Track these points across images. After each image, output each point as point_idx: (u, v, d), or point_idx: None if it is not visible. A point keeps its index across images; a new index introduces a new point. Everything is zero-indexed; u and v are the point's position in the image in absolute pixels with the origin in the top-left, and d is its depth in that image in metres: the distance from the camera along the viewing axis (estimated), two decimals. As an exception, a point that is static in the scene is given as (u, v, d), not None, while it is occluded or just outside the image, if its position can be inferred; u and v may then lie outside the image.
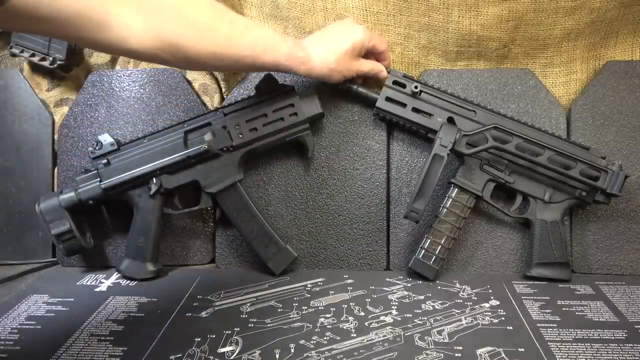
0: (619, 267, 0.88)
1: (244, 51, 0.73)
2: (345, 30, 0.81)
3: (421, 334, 0.68)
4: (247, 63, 0.74)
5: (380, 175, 0.92)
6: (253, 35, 0.73)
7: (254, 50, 0.73)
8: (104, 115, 0.95)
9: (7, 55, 1.01)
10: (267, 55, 0.74)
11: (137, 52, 0.68)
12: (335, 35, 0.81)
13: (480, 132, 0.83)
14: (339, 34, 0.81)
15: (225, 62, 0.73)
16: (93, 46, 0.75)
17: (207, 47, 0.70)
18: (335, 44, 0.79)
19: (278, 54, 0.75)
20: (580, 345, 0.65)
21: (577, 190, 0.84)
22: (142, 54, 0.69)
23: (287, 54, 0.75)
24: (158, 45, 0.68)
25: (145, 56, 0.70)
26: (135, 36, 0.66)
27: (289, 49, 0.75)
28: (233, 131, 0.86)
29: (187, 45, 0.69)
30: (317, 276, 0.87)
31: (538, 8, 0.86)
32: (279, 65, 0.76)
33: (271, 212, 0.92)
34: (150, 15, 0.67)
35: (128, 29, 0.65)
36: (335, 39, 0.80)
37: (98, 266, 0.94)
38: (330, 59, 0.78)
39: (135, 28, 0.66)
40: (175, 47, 0.69)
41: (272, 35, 0.76)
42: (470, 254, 0.90)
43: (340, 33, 0.81)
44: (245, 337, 0.68)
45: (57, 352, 0.65)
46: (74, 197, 0.86)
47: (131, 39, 0.66)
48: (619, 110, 0.90)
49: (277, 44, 0.75)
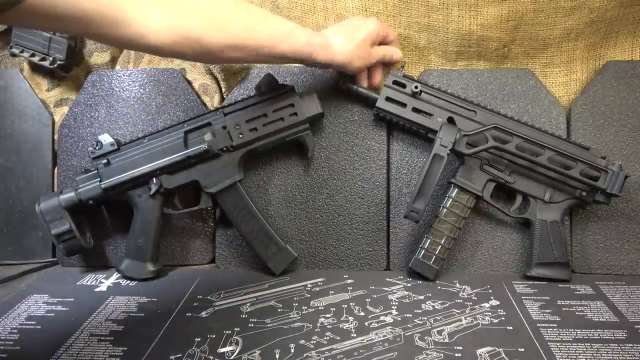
0: (619, 267, 0.88)
1: (262, 41, 0.73)
2: (359, 22, 0.83)
3: (421, 334, 0.68)
4: (266, 53, 0.74)
5: (380, 175, 0.92)
6: (270, 25, 0.74)
7: (272, 40, 0.73)
8: (104, 115, 0.95)
9: (7, 55, 1.01)
10: (285, 43, 0.74)
11: (156, 48, 0.68)
12: (351, 26, 0.82)
13: (480, 132, 0.83)
14: (355, 25, 0.82)
15: (245, 53, 0.73)
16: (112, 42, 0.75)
17: (226, 40, 0.71)
18: (353, 33, 0.81)
19: (297, 41, 0.75)
20: (580, 345, 0.65)
21: (577, 190, 0.84)
22: (160, 50, 0.69)
23: (306, 41, 0.76)
24: (177, 40, 0.68)
25: (163, 51, 0.70)
26: (154, 32, 0.66)
27: (306, 37, 0.76)
28: (233, 131, 0.86)
29: (206, 38, 0.69)
30: (317, 276, 0.87)
31: (538, 8, 0.86)
32: (299, 52, 0.76)
33: (271, 212, 0.92)
34: (168, 11, 0.67)
35: (146, 25, 0.65)
36: (352, 29, 0.82)
37: (98, 266, 0.94)
38: (350, 46, 0.80)
39: (153, 24, 0.66)
40: (194, 40, 0.69)
41: (289, 24, 0.77)
42: (470, 254, 0.90)
43: (356, 24, 0.83)
44: (245, 337, 0.68)
45: (57, 352, 0.65)
46: (74, 197, 0.86)
47: (150, 35, 0.66)
48: (619, 110, 0.90)
49: (294, 32, 0.76)
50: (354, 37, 0.80)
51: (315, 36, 0.77)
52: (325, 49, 0.78)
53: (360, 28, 0.82)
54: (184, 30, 0.68)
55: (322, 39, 0.78)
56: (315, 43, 0.77)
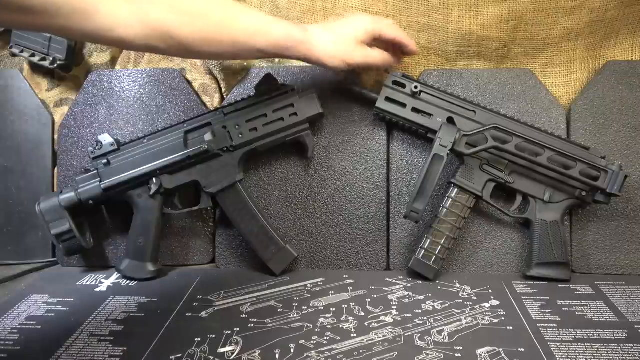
0: (619, 267, 0.88)
1: (238, 35, 0.72)
2: (351, 19, 0.80)
3: (421, 334, 0.68)
4: (241, 47, 0.73)
5: (380, 175, 0.92)
6: (246, 19, 0.72)
7: (247, 34, 0.72)
8: (104, 115, 0.95)
9: (7, 55, 1.02)
10: (261, 37, 0.73)
11: (127, 41, 0.67)
12: (340, 22, 0.79)
13: (480, 132, 0.83)
14: (344, 21, 0.79)
15: (220, 48, 0.72)
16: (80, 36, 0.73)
17: (199, 33, 0.69)
18: (339, 29, 0.77)
19: (273, 35, 0.73)
20: (580, 345, 0.65)
21: (577, 190, 0.84)
22: (131, 43, 0.68)
23: (283, 35, 0.73)
24: (147, 33, 0.67)
25: (135, 45, 0.68)
26: (123, 25, 0.65)
27: (285, 30, 0.74)
28: (233, 131, 0.86)
29: (178, 32, 0.68)
30: (317, 276, 0.87)
31: (538, 8, 0.86)
32: (276, 47, 0.74)
33: (271, 212, 0.92)
34: (137, 3, 0.65)
35: (116, 17, 0.64)
36: (339, 25, 0.78)
37: (98, 266, 0.94)
38: (330, 43, 0.76)
39: (122, 16, 0.64)
40: (165, 34, 0.67)
41: (267, 18, 0.75)
42: (470, 254, 0.90)
43: (346, 20, 0.79)
44: (245, 337, 0.68)
45: (57, 352, 0.65)
46: (74, 197, 0.86)
47: (119, 28, 0.65)
48: (619, 110, 0.90)
49: (271, 26, 0.73)
50: (338, 32, 0.77)
51: (295, 30, 0.75)
52: (304, 44, 0.75)
53: (350, 22, 0.78)
54: (153, 23, 0.66)
55: (301, 33, 0.75)
56: (293, 38, 0.74)
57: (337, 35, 0.77)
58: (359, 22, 0.78)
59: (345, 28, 0.77)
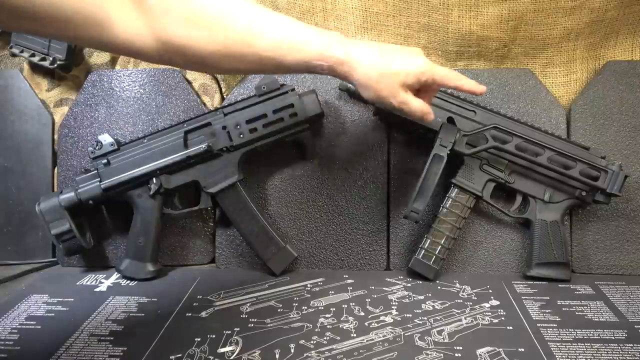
0: (619, 267, 0.88)
1: (266, 51, 0.63)
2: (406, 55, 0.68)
3: (421, 334, 0.68)
4: (268, 64, 0.65)
5: (380, 175, 0.91)
6: (274, 33, 0.64)
7: (275, 50, 0.64)
8: (104, 115, 0.95)
9: (7, 55, 1.02)
10: (291, 54, 0.64)
11: (145, 54, 0.63)
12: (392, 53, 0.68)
13: (480, 132, 0.83)
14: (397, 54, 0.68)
15: (244, 65, 0.65)
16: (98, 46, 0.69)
17: (219, 49, 0.62)
18: (389, 62, 0.66)
19: (305, 52, 0.64)
20: (580, 345, 0.65)
21: (577, 190, 0.84)
22: (149, 56, 0.63)
23: (320, 53, 0.64)
24: (164, 48, 0.62)
25: (153, 58, 0.64)
26: (140, 38, 0.61)
27: (322, 47, 0.64)
28: (233, 131, 0.86)
29: (196, 48, 0.62)
30: (317, 276, 0.87)
31: (538, 8, 0.86)
32: (308, 66, 0.66)
33: (271, 212, 0.92)
34: (152, 16, 0.60)
35: (132, 29, 0.60)
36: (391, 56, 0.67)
37: (98, 266, 0.94)
38: (376, 73, 0.66)
39: (138, 29, 0.60)
40: (182, 49, 0.62)
41: (302, 31, 0.65)
42: (470, 254, 0.90)
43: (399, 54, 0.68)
44: (245, 337, 0.68)
45: (57, 352, 0.65)
46: (74, 197, 0.86)
47: (136, 41, 0.61)
48: (619, 110, 0.90)
49: (306, 41, 0.64)
50: (386, 67, 0.66)
51: (334, 48, 0.65)
52: (342, 66, 0.65)
53: (401, 61, 0.67)
54: (170, 38, 0.61)
55: (341, 51, 0.65)
56: (330, 57, 0.65)
57: (384, 70, 0.66)
58: (414, 63, 0.67)
59: (397, 64, 0.67)
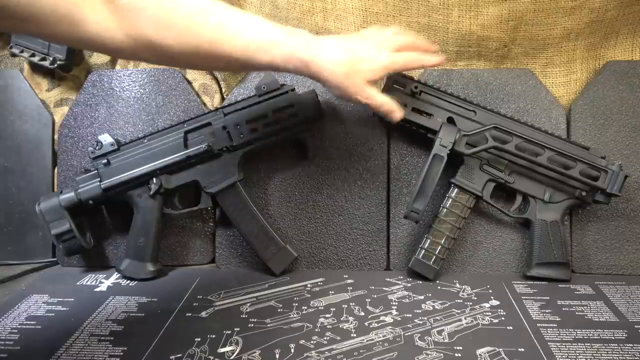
0: (619, 267, 0.88)
1: (234, 53, 0.66)
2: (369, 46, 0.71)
3: (421, 334, 0.68)
4: (240, 64, 0.68)
5: (380, 175, 0.91)
6: (245, 35, 0.66)
7: (245, 51, 0.66)
8: (104, 115, 0.95)
9: (7, 55, 1.02)
10: (261, 55, 0.67)
11: (117, 51, 0.65)
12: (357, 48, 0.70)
13: (480, 132, 0.83)
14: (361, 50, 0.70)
15: (215, 63, 0.69)
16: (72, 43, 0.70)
17: (189, 49, 0.65)
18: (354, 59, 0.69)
19: (274, 54, 0.67)
20: (580, 345, 0.65)
21: (577, 190, 0.84)
22: (122, 53, 0.66)
23: (286, 55, 0.67)
24: (135, 45, 0.64)
25: (125, 55, 0.66)
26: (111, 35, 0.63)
27: (288, 49, 0.67)
28: (233, 131, 0.86)
29: (165, 47, 0.64)
30: (317, 276, 0.87)
31: (538, 8, 0.86)
32: (277, 66, 0.68)
33: (271, 212, 0.92)
34: (123, 15, 0.62)
35: (104, 26, 0.62)
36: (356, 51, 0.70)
37: (98, 266, 0.94)
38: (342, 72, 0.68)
39: (110, 26, 0.62)
40: (152, 48, 0.64)
41: (272, 32, 0.67)
42: (470, 254, 0.90)
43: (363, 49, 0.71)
44: (245, 337, 0.68)
45: (57, 352, 0.65)
46: (74, 197, 0.86)
47: (108, 38, 0.63)
48: (619, 110, 0.90)
49: (273, 43, 0.67)
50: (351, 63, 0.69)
51: (302, 48, 0.67)
52: (309, 66, 0.68)
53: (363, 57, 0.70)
54: (139, 36, 0.63)
55: (309, 54, 0.67)
56: (298, 57, 0.67)
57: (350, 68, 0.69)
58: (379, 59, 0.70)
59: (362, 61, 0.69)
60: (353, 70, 0.69)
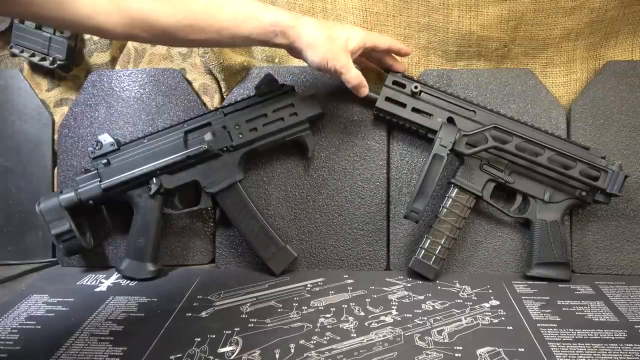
0: (619, 267, 0.88)
1: (224, 22, 0.70)
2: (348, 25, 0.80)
3: (421, 334, 0.68)
4: (228, 35, 0.71)
5: (380, 175, 0.92)
6: (234, 6, 0.71)
7: (235, 21, 0.70)
8: (104, 115, 0.95)
9: (7, 55, 1.02)
10: (250, 23, 0.71)
11: (106, 30, 0.65)
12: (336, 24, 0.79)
13: (480, 132, 0.83)
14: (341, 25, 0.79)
15: (206, 36, 0.70)
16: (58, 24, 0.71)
17: (182, 21, 0.67)
18: (333, 29, 0.76)
19: (262, 22, 0.71)
20: (580, 345, 0.65)
21: (577, 190, 0.84)
22: (111, 32, 0.66)
23: (272, 21, 0.72)
24: (128, 22, 0.65)
25: (116, 34, 0.66)
26: (103, 13, 0.63)
27: (275, 17, 0.72)
28: (233, 131, 0.86)
29: (159, 21, 0.66)
30: (317, 276, 0.87)
31: (538, 8, 0.86)
32: (265, 34, 0.72)
33: (271, 212, 0.92)
34: None
35: (93, 5, 0.62)
36: (335, 26, 0.77)
37: (98, 266, 0.94)
38: (320, 36, 0.73)
39: (101, 4, 0.63)
40: (146, 23, 0.66)
41: (256, 4, 0.73)
42: (470, 254, 0.90)
43: (343, 25, 0.79)
44: (245, 337, 0.68)
45: (57, 352, 0.65)
46: (74, 197, 0.86)
47: (98, 16, 0.63)
48: (619, 110, 0.90)
49: (261, 12, 0.72)
50: (330, 32, 0.75)
51: (285, 16, 0.73)
52: (292, 29, 0.72)
53: (344, 29, 0.77)
54: (133, 11, 0.65)
55: (291, 20, 0.73)
56: (282, 24, 0.72)
57: (329, 34, 0.74)
58: (353, 31, 0.77)
59: (339, 31, 0.76)
60: (331, 37, 0.74)
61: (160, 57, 0.99)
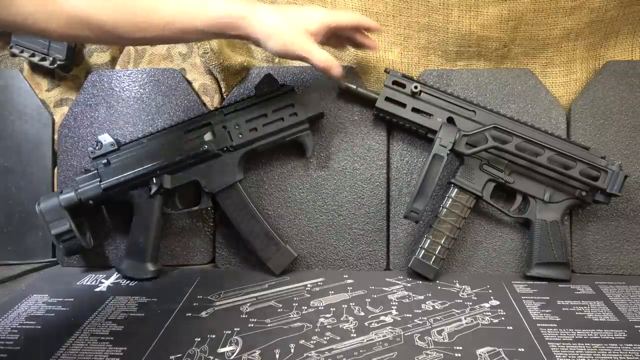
0: (619, 267, 0.88)
1: (171, 18, 0.67)
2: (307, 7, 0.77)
3: (421, 334, 0.68)
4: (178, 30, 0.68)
5: (380, 175, 0.92)
6: None
7: (182, 15, 0.68)
8: (104, 115, 0.95)
9: (7, 55, 1.02)
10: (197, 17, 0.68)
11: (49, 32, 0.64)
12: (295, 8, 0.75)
13: (480, 132, 0.83)
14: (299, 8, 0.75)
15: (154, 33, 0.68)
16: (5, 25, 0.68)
17: (125, 20, 0.65)
18: (291, 14, 0.73)
19: (210, 13, 0.69)
20: (580, 345, 0.65)
21: (577, 190, 0.84)
22: (54, 33, 0.64)
23: (222, 12, 0.69)
24: (69, 23, 0.63)
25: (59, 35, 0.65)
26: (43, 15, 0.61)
27: (224, 7, 0.69)
28: (233, 131, 0.86)
29: (101, 20, 0.64)
30: (317, 276, 0.87)
31: (538, 8, 0.86)
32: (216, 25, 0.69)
33: (271, 212, 0.92)
34: None
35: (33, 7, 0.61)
36: (293, 10, 0.74)
37: (98, 266, 0.94)
38: (276, 23, 0.71)
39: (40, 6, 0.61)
40: (88, 23, 0.64)
41: None
42: (470, 254, 0.90)
43: (302, 8, 0.76)
44: (245, 337, 0.68)
45: (57, 352, 0.65)
46: (74, 197, 0.86)
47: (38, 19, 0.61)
48: (619, 110, 0.90)
49: (208, 3, 0.69)
50: (287, 17, 0.71)
51: (235, 6, 0.70)
52: (244, 20, 0.70)
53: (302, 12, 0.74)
54: (73, 12, 0.63)
55: (242, 9, 0.70)
56: (232, 14, 0.69)
57: (286, 19, 0.71)
58: (313, 12, 0.74)
59: (297, 15, 0.73)
60: (293, 20, 0.72)
61: (160, 57, 0.99)
